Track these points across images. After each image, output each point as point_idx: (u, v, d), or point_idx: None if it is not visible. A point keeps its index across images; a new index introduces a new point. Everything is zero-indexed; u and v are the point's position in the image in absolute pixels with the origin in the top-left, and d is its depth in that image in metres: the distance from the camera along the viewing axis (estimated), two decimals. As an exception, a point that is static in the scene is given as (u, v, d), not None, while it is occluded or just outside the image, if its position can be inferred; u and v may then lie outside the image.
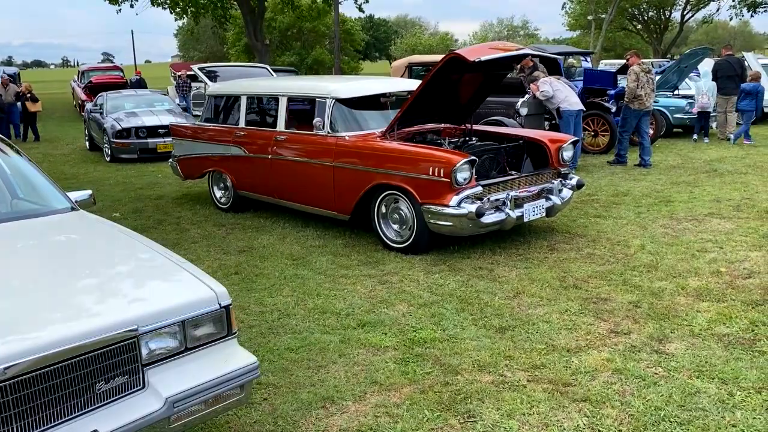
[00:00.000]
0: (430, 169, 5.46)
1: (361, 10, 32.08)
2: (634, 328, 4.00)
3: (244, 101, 7.41)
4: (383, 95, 6.99)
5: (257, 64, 9.64)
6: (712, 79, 12.85)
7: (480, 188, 5.54)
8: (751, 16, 36.46)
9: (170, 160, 8.69)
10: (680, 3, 46.32)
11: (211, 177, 8.02)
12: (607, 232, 6.28)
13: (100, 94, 15.00)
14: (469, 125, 6.85)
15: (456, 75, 6.16)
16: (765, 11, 38.17)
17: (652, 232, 6.22)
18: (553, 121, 10.26)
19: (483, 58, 5.36)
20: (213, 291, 2.52)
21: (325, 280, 5.17)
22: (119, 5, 27.03)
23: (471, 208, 5.37)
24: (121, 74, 23.26)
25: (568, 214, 7.02)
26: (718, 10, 45.86)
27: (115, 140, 12.54)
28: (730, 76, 12.74)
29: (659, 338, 3.84)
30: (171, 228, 7.17)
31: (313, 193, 6.58)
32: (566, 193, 6.24)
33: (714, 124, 13.28)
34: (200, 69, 8.52)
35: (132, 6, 27.34)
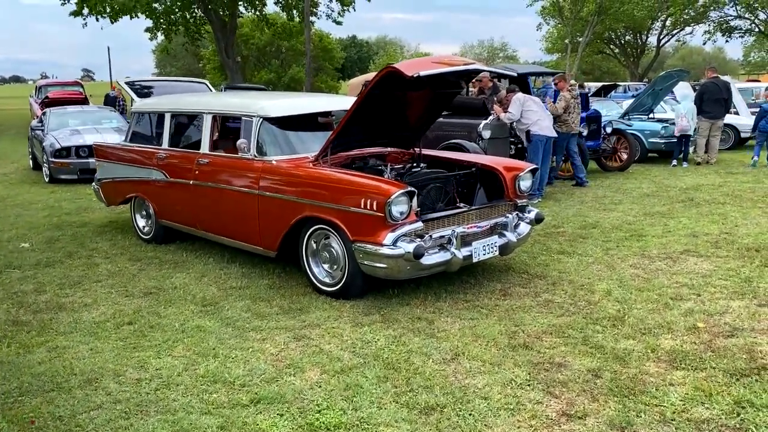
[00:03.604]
0: (362, 201, 4.66)
1: (337, 23, 31.58)
2: (591, 409, 3.19)
3: (168, 119, 6.57)
4: (323, 114, 6.22)
5: (196, 79, 8.83)
6: (697, 102, 12.28)
7: (420, 224, 4.74)
8: (726, 41, 36.63)
9: (93, 183, 7.82)
10: (656, 28, 46.62)
11: (134, 204, 7.15)
12: (570, 273, 5.51)
13: (44, 111, 14.08)
14: (417, 149, 6.08)
15: (399, 92, 5.40)
16: (740, 36, 38.43)
17: (620, 274, 5.47)
18: (520, 145, 9.55)
19: (422, 73, 4.59)
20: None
21: (230, 335, 4.31)
22: (84, 18, 26.18)
23: (408, 247, 4.56)
24: (81, 90, 22.25)
25: (528, 249, 6.26)
26: (692, 32, 46.04)
27: (53, 159, 11.63)
28: (717, 100, 12.17)
29: (622, 425, 3.04)
30: (80, 262, 6.27)
31: (236, 224, 5.74)
32: (523, 228, 5.47)
33: (692, 148, 12.71)
34: (128, 84, 7.68)
35: (97, 20, 26.46)
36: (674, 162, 12.29)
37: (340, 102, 6.25)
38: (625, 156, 11.83)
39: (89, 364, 3.90)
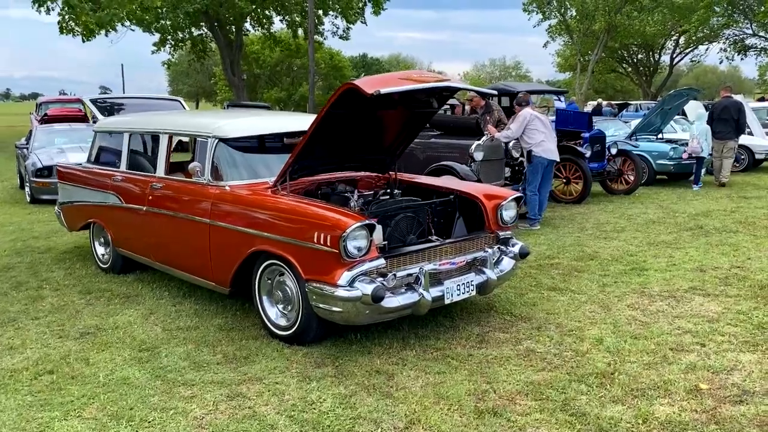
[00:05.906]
0: (315, 235, 4.09)
1: (343, 38, 31.32)
2: (561, 507, 2.58)
3: (126, 140, 6.08)
4: (289, 135, 5.67)
5: (170, 96, 8.37)
6: (709, 122, 11.69)
7: (382, 261, 4.16)
8: (742, 59, 35.86)
9: (56, 207, 7.35)
10: (669, 46, 45.92)
11: (93, 230, 6.64)
12: (559, 315, 4.89)
13: (30, 128, 13.74)
14: (393, 174, 5.52)
15: (368, 111, 4.85)
16: (756, 54, 37.65)
17: (615, 316, 4.84)
18: (517, 167, 8.96)
19: (383, 91, 4.03)
20: None
21: (157, 390, 3.73)
22: (87, 38, 26.08)
23: (366, 289, 3.98)
24: (81, 107, 21.92)
25: (516, 284, 5.65)
26: (706, 50, 45.34)
27: (34, 179, 11.19)
28: (725, 120, 11.61)
29: None
30: (25, 295, 5.75)
31: (188, 256, 5.20)
32: (506, 264, 4.86)
33: (703, 170, 12.06)
34: (93, 101, 7.24)
35: (107, 34, 26.33)
36: (693, 181, 11.77)
37: (307, 121, 5.69)
38: (631, 178, 11.18)
39: (-18, 428, 3.35)
